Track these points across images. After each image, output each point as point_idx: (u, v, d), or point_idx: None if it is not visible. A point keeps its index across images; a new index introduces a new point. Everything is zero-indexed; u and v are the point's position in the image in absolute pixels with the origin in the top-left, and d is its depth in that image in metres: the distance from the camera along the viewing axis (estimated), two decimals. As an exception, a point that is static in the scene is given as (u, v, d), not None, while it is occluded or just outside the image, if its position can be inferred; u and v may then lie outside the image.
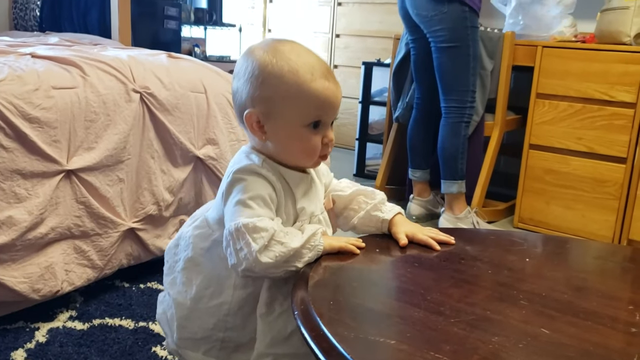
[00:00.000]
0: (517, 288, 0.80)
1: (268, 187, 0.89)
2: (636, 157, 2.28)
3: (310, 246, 0.86)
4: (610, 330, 0.69)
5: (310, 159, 0.93)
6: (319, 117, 0.90)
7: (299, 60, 0.88)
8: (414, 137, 2.67)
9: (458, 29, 2.30)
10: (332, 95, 0.89)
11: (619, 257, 0.99)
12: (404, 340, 0.64)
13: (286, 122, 0.90)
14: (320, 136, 0.91)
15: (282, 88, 0.88)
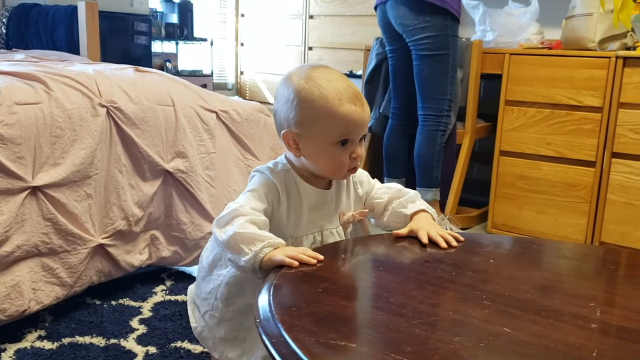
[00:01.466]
0: (480, 289, 0.80)
1: (273, 189, 1.02)
2: (604, 160, 2.32)
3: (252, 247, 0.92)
4: (571, 327, 0.70)
5: (339, 173, 1.04)
6: (346, 137, 1.00)
7: (329, 87, 0.99)
8: (390, 146, 2.69)
9: (441, 37, 2.34)
10: (358, 117, 1.00)
11: (583, 256, 0.99)
12: (365, 343, 0.63)
13: (317, 141, 1.01)
14: (348, 152, 1.01)
15: (313, 112, 0.99)
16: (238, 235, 0.93)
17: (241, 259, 0.92)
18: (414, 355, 0.61)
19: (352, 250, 0.98)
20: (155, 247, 1.86)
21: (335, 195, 1.09)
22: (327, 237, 1.06)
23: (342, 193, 1.10)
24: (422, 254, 0.94)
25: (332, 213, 1.08)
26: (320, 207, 1.06)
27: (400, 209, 1.09)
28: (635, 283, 0.90)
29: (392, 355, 0.61)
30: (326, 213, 1.07)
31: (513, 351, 0.63)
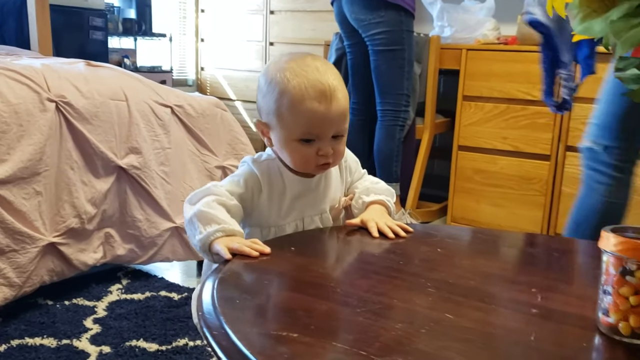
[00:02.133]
0: (426, 277, 0.81)
1: (254, 178, 1.01)
2: (559, 153, 2.37)
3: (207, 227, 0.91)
4: (512, 312, 0.70)
5: (307, 168, 1.01)
6: (308, 135, 0.97)
7: (296, 81, 0.95)
8: (349, 141, 2.69)
9: (395, 33, 2.35)
10: (319, 115, 0.95)
11: (528, 245, 1.01)
12: (307, 333, 0.63)
13: (281, 135, 0.99)
14: (315, 149, 0.98)
15: (277, 105, 0.97)
16: (200, 213, 0.93)
17: (195, 238, 0.92)
18: (355, 343, 0.61)
19: (303, 242, 0.97)
20: (110, 245, 1.83)
21: (325, 181, 1.06)
22: (308, 224, 1.04)
23: (332, 178, 1.08)
24: (372, 244, 0.94)
25: (318, 200, 1.06)
26: (304, 194, 1.04)
27: (361, 195, 1.08)
28: (577, 270, 0.91)
29: (334, 344, 0.61)
30: (311, 200, 1.05)
31: (453, 336, 0.64)
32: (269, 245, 0.87)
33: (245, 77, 4.38)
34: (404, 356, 0.58)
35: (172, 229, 1.91)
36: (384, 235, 0.96)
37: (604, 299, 0.66)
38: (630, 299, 0.63)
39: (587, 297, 0.73)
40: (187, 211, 0.96)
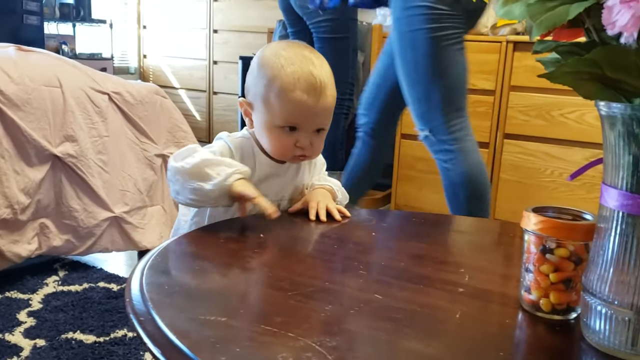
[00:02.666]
0: (358, 260, 0.82)
1: (226, 149, 1.01)
2: (497, 141, 2.43)
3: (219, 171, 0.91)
4: (440, 292, 0.72)
5: (284, 156, 1.02)
6: (292, 124, 0.98)
7: (289, 69, 0.96)
8: None
9: (340, 21, 2.35)
10: (306, 107, 0.97)
11: (461, 227, 1.04)
12: (236, 317, 0.63)
13: (264, 119, 1.00)
14: (294, 139, 0.99)
15: (266, 89, 0.98)
16: (203, 161, 0.92)
17: (209, 183, 0.90)
18: (283, 325, 0.61)
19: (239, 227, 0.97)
20: (45, 236, 1.77)
21: (294, 171, 1.08)
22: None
23: (302, 171, 1.09)
24: (309, 229, 0.95)
25: (282, 186, 1.07)
26: (271, 178, 1.05)
27: (313, 182, 1.09)
28: (504, 250, 0.94)
29: (262, 327, 0.60)
30: (276, 185, 1.05)
31: (381, 316, 0.65)
32: (203, 232, 0.86)
33: (189, 65, 4.31)
34: (331, 336, 0.59)
35: (110, 218, 1.87)
36: (319, 220, 0.97)
37: (526, 277, 0.68)
38: (550, 276, 0.66)
39: (512, 276, 0.76)
40: (180, 164, 0.93)
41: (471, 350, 0.59)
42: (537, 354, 0.60)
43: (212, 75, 4.32)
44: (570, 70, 0.53)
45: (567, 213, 0.69)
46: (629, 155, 0.55)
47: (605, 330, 0.59)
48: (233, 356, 0.55)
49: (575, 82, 0.55)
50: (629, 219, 0.56)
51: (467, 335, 0.62)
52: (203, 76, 4.36)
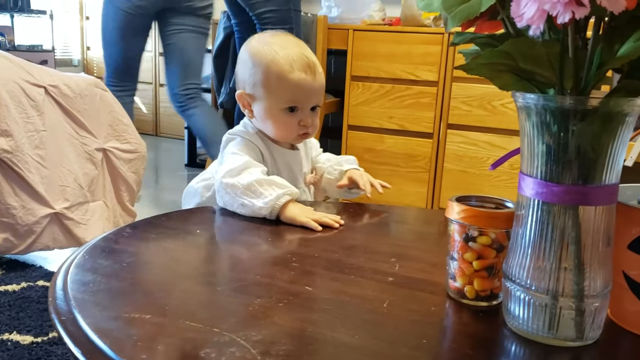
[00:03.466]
0: (292, 252, 0.82)
1: (256, 149, 1.06)
2: (441, 131, 2.47)
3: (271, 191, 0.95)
4: (370, 282, 0.73)
5: (288, 137, 1.08)
6: (294, 103, 1.05)
7: (283, 52, 1.03)
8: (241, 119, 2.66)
9: (283, 12, 2.34)
10: (307, 85, 1.04)
11: (397, 217, 1.05)
12: (161, 314, 0.62)
13: (267, 105, 1.05)
14: (297, 119, 1.06)
15: (264, 75, 1.04)
16: (258, 180, 0.96)
17: (260, 201, 0.94)
18: (209, 321, 0.60)
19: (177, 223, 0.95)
20: (-21, 235, 1.71)
21: (301, 154, 1.15)
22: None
23: (302, 154, 1.16)
24: (243, 224, 0.94)
25: (298, 173, 1.14)
26: (291, 166, 1.12)
27: (337, 166, 1.16)
28: (437, 239, 0.96)
29: (187, 323, 0.60)
30: (296, 173, 1.13)
31: (309, 308, 0.65)
32: (135, 228, 0.84)
33: (135, 56, 4.20)
34: (257, 330, 0.59)
35: (51, 215, 1.81)
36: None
37: (451, 265, 0.69)
38: (473, 264, 0.67)
39: (442, 264, 0.77)
40: (235, 181, 0.97)
41: (396, 338, 0.60)
42: (460, 341, 0.61)
43: (158, 67, 4.23)
44: (485, 62, 0.54)
45: (490, 202, 0.71)
46: (543, 145, 0.56)
47: (524, 316, 0.60)
48: (155, 354, 0.54)
49: (492, 74, 0.56)
50: (544, 207, 0.58)
51: (392, 323, 0.63)
52: (149, 68, 4.27)
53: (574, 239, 0.57)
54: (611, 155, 0.56)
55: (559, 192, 0.56)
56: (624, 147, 0.57)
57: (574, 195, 0.56)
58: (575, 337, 0.59)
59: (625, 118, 0.55)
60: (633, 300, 0.62)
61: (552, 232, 0.57)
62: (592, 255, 0.57)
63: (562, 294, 0.58)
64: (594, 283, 0.58)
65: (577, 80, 0.54)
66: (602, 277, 0.58)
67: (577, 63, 0.53)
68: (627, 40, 0.53)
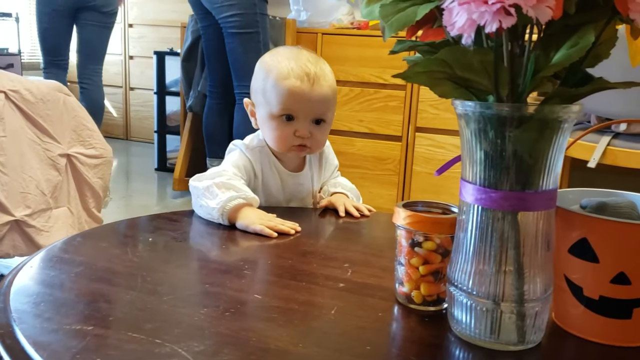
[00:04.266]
0: (245, 260, 0.81)
1: (247, 164, 1.07)
2: (409, 134, 2.49)
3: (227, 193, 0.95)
4: (321, 288, 0.73)
5: (283, 147, 1.07)
6: (288, 111, 1.04)
7: (284, 62, 1.04)
8: (209, 125, 2.65)
9: (248, 15, 2.33)
10: (300, 93, 1.02)
11: (354, 222, 1.05)
12: (104, 325, 0.61)
13: (264, 112, 1.06)
14: (293, 129, 1.04)
15: (262, 82, 1.06)
16: (217, 183, 0.97)
17: (214, 202, 0.94)
18: (152, 331, 0.60)
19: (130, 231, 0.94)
20: (-63, 244, 1.67)
21: (310, 176, 1.14)
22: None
23: (314, 171, 1.15)
24: (196, 230, 0.93)
25: (304, 193, 1.14)
26: (293, 187, 1.12)
27: (329, 187, 1.15)
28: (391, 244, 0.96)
29: (129, 334, 0.59)
30: (298, 193, 1.13)
31: (257, 316, 0.64)
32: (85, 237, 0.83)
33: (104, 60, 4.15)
34: (200, 340, 0.58)
35: (11, 222, 1.78)
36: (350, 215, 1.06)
37: (399, 270, 0.70)
38: (420, 269, 0.67)
39: (392, 269, 0.77)
40: (197, 184, 0.99)
41: (340, 346, 0.60)
42: (405, 347, 0.62)
43: (128, 70, 4.19)
44: (422, 70, 0.54)
45: (437, 207, 0.71)
46: (481, 151, 0.57)
47: (467, 320, 0.61)
48: (92, 367, 0.53)
49: (431, 82, 0.57)
50: (484, 212, 0.58)
51: (339, 331, 0.63)
52: (119, 71, 4.23)
53: (513, 244, 0.57)
54: (548, 161, 0.56)
55: (497, 198, 0.56)
56: (561, 153, 0.57)
57: (512, 201, 0.56)
58: (517, 341, 0.60)
59: (561, 124, 0.55)
60: (575, 303, 0.63)
61: (492, 238, 0.58)
62: (532, 259, 0.58)
63: (503, 299, 0.58)
64: (535, 287, 0.59)
65: (513, 88, 0.54)
66: (543, 281, 0.59)
67: (513, 70, 0.54)
68: (561, 48, 0.54)
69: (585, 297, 0.62)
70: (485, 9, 0.45)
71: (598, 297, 0.61)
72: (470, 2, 0.46)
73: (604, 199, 0.67)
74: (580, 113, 0.56)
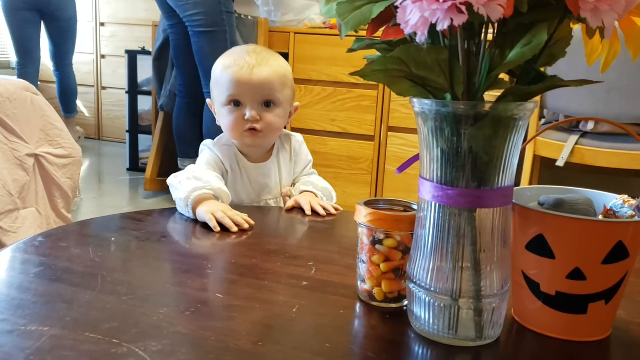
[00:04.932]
0: (207, 258, 0.81)
1: (218, 161, 1.13)
2: (382, 134, 2.50)
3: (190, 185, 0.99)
4: (283, 287, 0.72)
5: (236, 133, 1.11)
6: (234, 97, 1.10)
7: (232, 55, 1.13)
8: (180, 125, 2.63)
9: (213, 14, 2.31)
10: (241, 78, 1.08)
11: (320, 220, 1.05)
12: (61, 326, 0.60)
13: (218, 104, 1.14)
14: (242, 114, 1.10)
15: (214, 79, 1.14)
16: (187, 175, 1.02)
17: (181, 193, 0.98)
18: (110, 332, 0.59)
19: (93, 231, 0.93)
20: None
21: (277, 169, 1.18)
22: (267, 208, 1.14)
23: (282, 163, 1.19)
24: (160, 229, 0.93)
25: (272, 185, 1.18)
26: (260, 180, 1.16)
27: (300, 185, 1.16)
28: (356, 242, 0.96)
29: (86, 335, 0.58)
30: (265, 185, 1.17)
31: (217, 316, 0.64)
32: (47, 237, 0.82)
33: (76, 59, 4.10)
34: (158, 340, 0.58)
35: (-23, 224, 1.74)
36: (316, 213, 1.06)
37: (361, 268, 0.70)
38: (381, 266, 0.68)
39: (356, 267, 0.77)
40: (172, 183, 1.04)
41: (299, 344, 0.60)
42: (364, 344, 0.62)
43: (100, 69, 4.14)
44: (379, 68, 0.55)
45: (399, 205, 0.72)
46: (438, 149, 0.57)
47: (427, 317, 0.61)
48: (45, 368, 0.52)
49: (388, 80, 0.57)
50: (442, 209, 0.59)
51: (299, 329, 0.63)
52: (90, 70, 4.17)
53: (470, 240, 0.58)
54: (504, 158, 0.57)
55: (454, 195, 0.57)
56: (517, 150, 0.58)
57: (469, 198, 0.57)
58: (475, 337, 0.60)
59: (517, 122, 0.56)
60: (532, 299, 0.64)
61: (449, 234, 0.58)
62: (489, 256, 0.59)
63: (461, 295, 0.59)
64: (492, 283, 0.59)
65: (468, 86, 0.55)
66: (500, 277, 0.60)
67: (469, 68, 0.55)
68: (516, 46, 0.55)
69: (542, 292, 0.63)
70: (437, 7, 0.46)
71: (555, 292, 0.62)
72: (423, 0, 0.46)
73: (562, 196, 0.68)
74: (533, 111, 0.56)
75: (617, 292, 0.62)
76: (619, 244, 0.60)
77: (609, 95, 1.91)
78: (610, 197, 0.70)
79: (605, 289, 0.61)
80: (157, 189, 2.90)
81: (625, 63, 1.06)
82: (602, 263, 0.60)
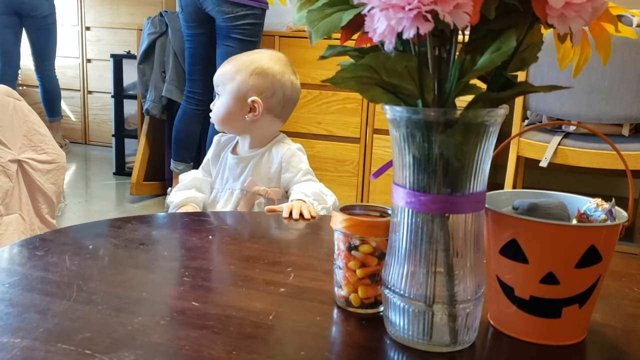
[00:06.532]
0: (185, 266, 0.80)
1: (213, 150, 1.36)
2: (367, 136, 2.50)
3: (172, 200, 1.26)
4: (261, 293, 0.72)
5: None
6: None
7: None
8: (181, 129, 2.63)
9: (258, 25, 2.37)
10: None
11: (300, 225, 1.05)
12: (33, 337, 0.59)
13: None
14: None
15: None
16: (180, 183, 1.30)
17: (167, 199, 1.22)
18: (83, 342, 0.58)
19: (70, 238, 0.92)
20: None
21: (253, 164, 1.28)
22: (235, 198, 1.27)
23: (261, 164, 1.28)
24: (137, 236, 0.92)
25: (240, 176, 1.28)
26: (232, 169, 1.29)
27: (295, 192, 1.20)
28: (340, 247, 0.96)
29: (59, 346, 0.58)
30: (236, 176, 1.29)
31: (192, 325, 0.64)
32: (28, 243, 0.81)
33: (62, 63, 4.08)
34: (131, 350, 0.57)
35: (-42, 232, 1.73)
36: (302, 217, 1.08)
37: (337, 274, 0.70)
38: (357, 272, 0.68)
39: (334, 273, 0.77)
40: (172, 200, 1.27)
41: (274, 352, 0.59)
42: (340, 351, 0.62)
43: (85, 73, 4.12)
44: (350, 75, 0.55)
45: (375, 210, 0.72)
46: (410, 155, 0.57)
47: (402, 323, 0.61)
48: (15, 381, 0.52)
49: (360, 87, 0.57)
50: (415, 216, 0.59)
51: (275, 336, 0.63)
52: (76, 75, 4.15)
53: (443, 245, 0.58)
54: (475, 164, 0.57)
55: (426, 201, 0.57)
56: (489, 156, 0.58)
57: (441, 204, 0.57)
58: (450, 342, 0.60)
59: (487, 128, 0.56)
60: (507, 303, 0.64)
61: (422, 240, 0.59)
62: (462, 261, 0.59)
63: (435, 300, 0.59)
64: (465, 288, 0.59)
65: (439, 92, 0.55)
66: (473, 282, 0.60)
67: (439, 75, 0.55)
68: (485, 52, 0.55)
69: (516, 297, 0.63)
70: (403, 15, 0.46)
71: (529, 297, 0.62)
72: (389, 9, 0.46)
73: (535, 200, 0.68)
74: (504, 116, 0.57)
75: (590, 295, 0.63)
76: (591, 248, 0.60)
77: (590, 97, 1.92)
78: (584, 200, 0.70)
79: (579, 293, 0.62)
80: (143, 193, 2.89)
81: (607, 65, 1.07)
82: (575, 267, 0.60)
